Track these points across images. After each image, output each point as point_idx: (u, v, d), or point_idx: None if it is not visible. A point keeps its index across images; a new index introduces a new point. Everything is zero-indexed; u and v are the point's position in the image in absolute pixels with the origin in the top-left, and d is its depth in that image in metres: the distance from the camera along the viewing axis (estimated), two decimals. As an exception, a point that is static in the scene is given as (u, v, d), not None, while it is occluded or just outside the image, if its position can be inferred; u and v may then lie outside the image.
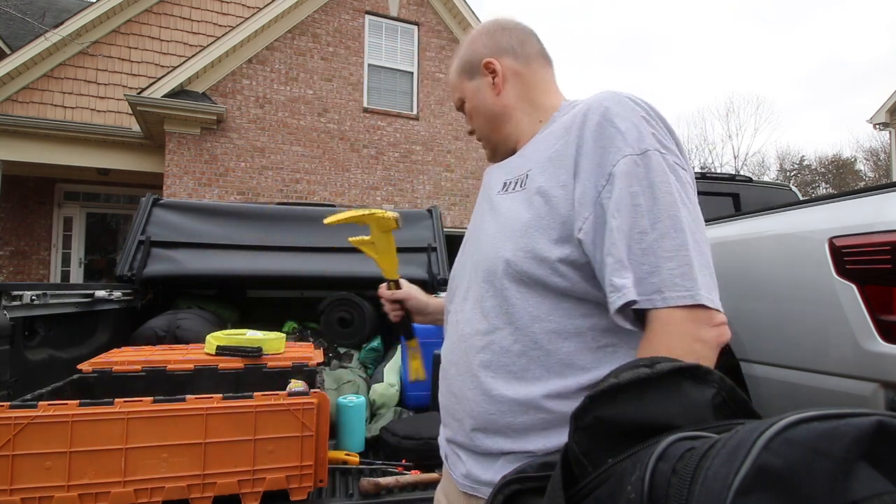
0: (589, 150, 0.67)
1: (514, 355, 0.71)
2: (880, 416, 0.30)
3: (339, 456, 1.54)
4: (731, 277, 2.06)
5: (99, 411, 1.12)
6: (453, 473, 0.80)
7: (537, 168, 0.74)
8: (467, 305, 0.79)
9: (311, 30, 7.75)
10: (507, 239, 0.73)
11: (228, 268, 2.47)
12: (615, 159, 0.65)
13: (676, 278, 0.60)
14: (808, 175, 26.15)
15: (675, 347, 0.58)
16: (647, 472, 0.36)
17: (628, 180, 0.64)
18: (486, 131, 0.89)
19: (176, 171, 6.84)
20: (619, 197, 0.64)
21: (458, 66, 0.91)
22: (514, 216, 0.73)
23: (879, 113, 10.01)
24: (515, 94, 0.85)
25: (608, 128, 0.67)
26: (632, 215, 0.63)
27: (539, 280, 0.69)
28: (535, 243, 0.69)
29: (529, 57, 0.87)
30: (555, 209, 0.69)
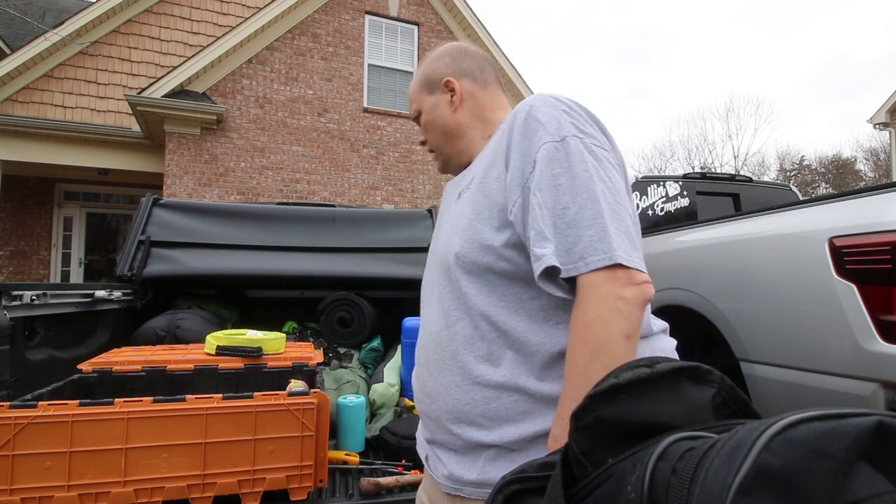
0: (517, 143, 0.75)
1: (477, 341, 0.75)
2: (880, 416, 0.30)
3: (339, 456, 1.54)
4: (731, 277, 2.06)
5: (99, 411, 1.12)
6: (435, 475, 0.82)
7: (480, 171, 0.82)
8: (433, 306, 0.84)
9: (311, 30, 7.75)
10: (455, 235, 0.79)
11: (228, 268, 2.47)
12: (537, 147, 0.73)
13: (595, 244, 0.66)
14: (808, 175, 26.15)
15: (600, 308, 0.63)
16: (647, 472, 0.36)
17: (549, 164, 0.71)
18: (439, 143, 0.96)
19: (176, 171, 6.84)
20: (541, 178, 0.71)
21: (419, 81, 0.98)
22: (461, 214, 0.81)
23: (879, 113, 10.01)
24: (471, 113, 0.94)
25: (531, 122, 0.75)
26: (554, 194, 0.69)
27: (487, 267, 0.75)
28: (478, 233, 0.76)
29: (487, 81, 0.97)
30: (492, 199, 0.76)
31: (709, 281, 2.19)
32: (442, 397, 0.78)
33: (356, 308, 2.44)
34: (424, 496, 0.90)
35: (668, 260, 2.53)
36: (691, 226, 2.58)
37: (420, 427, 0.91)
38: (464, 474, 0.76)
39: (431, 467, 0.84)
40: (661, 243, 2.66)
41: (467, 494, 0.75)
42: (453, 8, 8.59)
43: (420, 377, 0.85)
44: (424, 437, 0.86)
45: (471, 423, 0.75)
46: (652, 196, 3.55)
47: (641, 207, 3.51)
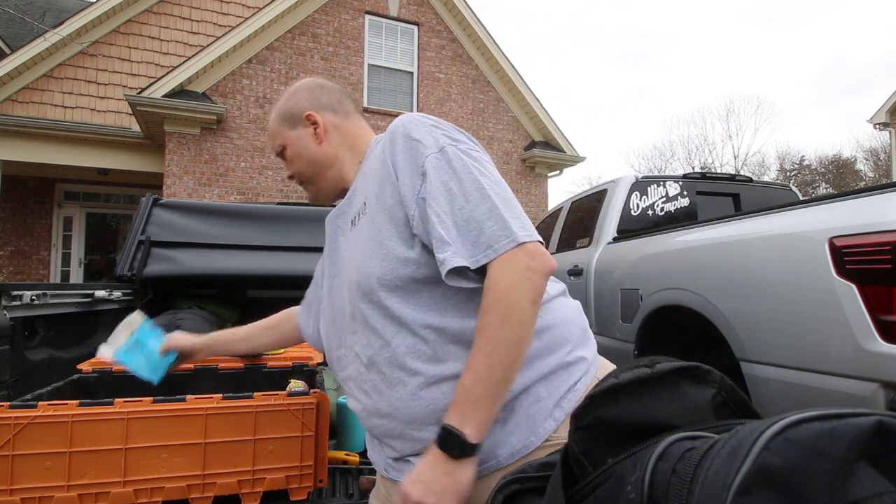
0: (402, 162, 0.81)
1: (420, 347, 0.78)
2: (880, 416, 0.30)
3: (339, 456, 1.54)
4: (731, 277, 2.06)
5: (99, 411, 1.12)
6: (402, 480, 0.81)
7: (372, 195, 0.85)
8: (357, 336, 0.84)
9: (311, 30, 7.75)
10: (369, 258, 0.81)
11: (228, 268, 2.47)
12: (422, 161, 0.79)
13: (498, 231, 0.73)
14: (808, 175, 26.15)
15: (512, 276, 0.72)
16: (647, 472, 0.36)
17: (437, 173, 0.78)
18: (308, 175, 1.00)
19: (176, 171, 6.84)
20: (433, 188, 0.77)
21: (278, 116, 1.01)
22: (366, 238, 0.83)
23: (879, 113, 10.01)
24: (337, 143, 0.98)
25: (409, 141, 0.82)
26: (448, 199, 0.76)
27: (410, 277, 0.78)
28: (392, 251, 0.79)
29: (347, 112, 1.02)
30: (394, 216, 0.81)
31: (709, 281, 2.19)
32: (400, 411, 0.79)
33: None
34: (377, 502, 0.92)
35: (668, 260, 2.53)
36: (691, 226, 2.58)
37: (377, 450, 0.90)
38: None
39: (396, 474, 0.84)
40: (661, 243, 2.66)
41: None
42: (453, 8, 8.59)
43: (368, 406, 0.84)
44: (388, 456, 0.86)
45: (436, 421, 0.76)
46: (652, 196, 3.55)
47: (641, 207, 3.52)
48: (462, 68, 8.76)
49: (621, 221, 3.43)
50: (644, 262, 2.76)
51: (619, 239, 3.27)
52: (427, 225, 0.77)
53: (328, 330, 0.95)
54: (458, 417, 0.71)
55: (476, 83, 8.86)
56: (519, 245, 0.72)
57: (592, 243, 3.51)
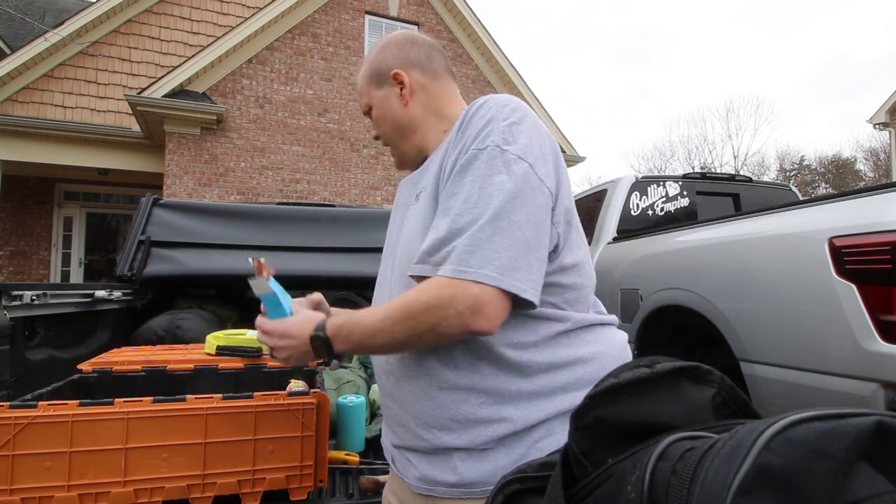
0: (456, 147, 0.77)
1: (441, 348, 0.74)
2: (880, 416, 0.30)
3: (339, 456, 1.54)
4: (731, 277, 2.07)
5: (99, 411, 1.12)
6: (405, 477, 0.82)
7: (433, 173, 0.81)
8: None
9: (311, 30, 7.75)
10: (413, 242, 0.78)
11: (228, 268, 2.47)
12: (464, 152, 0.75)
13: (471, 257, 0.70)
14: (808, 175, 26.15)
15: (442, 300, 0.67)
16: (647, 472, 0.36)
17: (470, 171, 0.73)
18: (393, 139, 0.93)
19: (176, 171, 6.84)
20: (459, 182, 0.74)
21: (366, 74, 0.94)
22: (418, 221, 0.79)
23: (879, 113, 10.01)
24: (422, 106, 0.90)
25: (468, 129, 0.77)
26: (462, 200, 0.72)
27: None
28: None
29: (436, 71, 0.93)
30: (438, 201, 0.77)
31: (709, 281, 2.19)
32: (409, 404, 0.78)
33: (356, 308, 2.44)
34: (392, 497, 0.90)
35: (668, 260, 2.53)
36: (691, 226, 2.58)
37: (385, 432, 0.90)
38: (436, 475, 0.76)
39: (400, 469, 0.84)
40: (661, 243, 2.66)
41: (440, 494, 0.76)
42: (453, 8, 8.59)
43: (385, 385, 0.84)
44: (391, 442, 0.86)
45: (441, 427, 0.75)
46: (652, 196, 3.55)
47: (641, 207, 3.52)
48: (462, 68, 8.77)
49: (621, 221, 3.43)
50: (644, 262, 2.76)
51: (619, 239, 3.27)
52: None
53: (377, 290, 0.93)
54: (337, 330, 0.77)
55: (476, 83, 8.86)
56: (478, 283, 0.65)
57: (592, 243, 3.51)
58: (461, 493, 0.74)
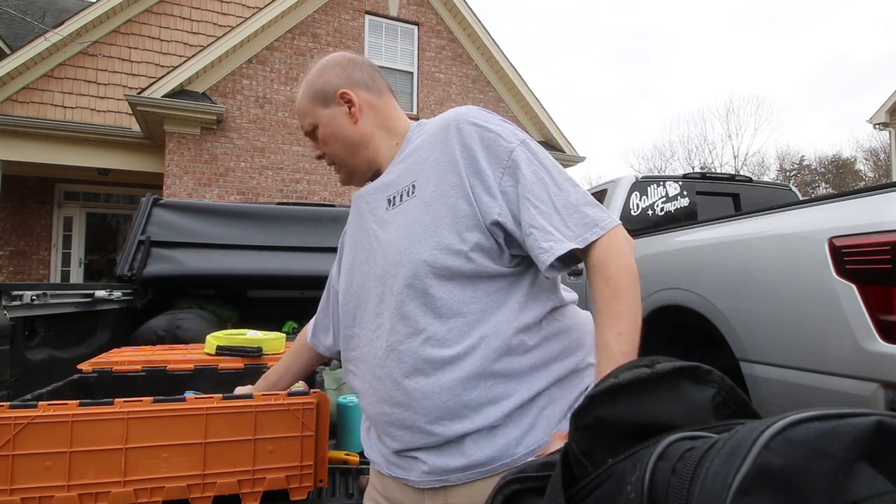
0: (479, 153, 0.80)
1: (452, 341, 0.77)
2: (880, 416, 0.30)
3: (339, 456, 1.54)
4: (731, 277, 2.07)
5: (99, 411, 1.12)
6: (409, 478, 0.81)
7: (422, 178, 0.83)
8: (384, 319, 0.82)
9: (311, 30, 7.75)
10: (418, 243, 0.80)
11: (228, 268, 2.47)
12: (506, 154, 0.80)
13: (598, 213, 0.79)
14: (808, 175, 26.15)
15: (623, 250, 0.76)
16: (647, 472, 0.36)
17: (529, 165, 0.80)
18: (342, 156, 0.94)
19: (176, 171, 6.84)
20: (528, 180, 0.79)
21: (309, 94, 0.95)
22: (416, 221, 0.81)
23: (879, 113, 10.01)
24: (372, 123, 0.94)
25: (485, 132, 0.82)
26: (544, 188, 0.79)
27: (457, 270, 0.78)
28: (445, 239, 0.79)
29: (381, 90, 0.97)
30: (456, 207, 0.79)
31: (709, 281, 2.19)
32: (418, 402, 0.78)
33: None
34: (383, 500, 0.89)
35: (668, 260, 2.54)
36: (691, 226, 2.58)
37: (375, 443, 0.89)
38: (448, 463, 0.77)
39: (401, 473, 0.83)
40: (661, 243, 2.66)
41: (455, 481, 0.77)
42: (453, 8, 8.59)
43: (380, 392, 0.82)
44: (391, 448, 0.83)
45: (454, 417, 0.76)
46: (652, 196, 3.55)
47: (641, 207, 3.52)
48: (462, 68, 8.77)
49: (621, 221, 3.43)
50: (644, 262, 2.76)
51: (619, 239, 3.26)
52: (521, 216, 0.78)
53: (343, 306, 0.94)
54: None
55: (476, 83, 8.86)
56: (617, 224, 0.78)
57: (592, 243, 3.50)
58: (476, 475, 0.76)
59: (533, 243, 0.77)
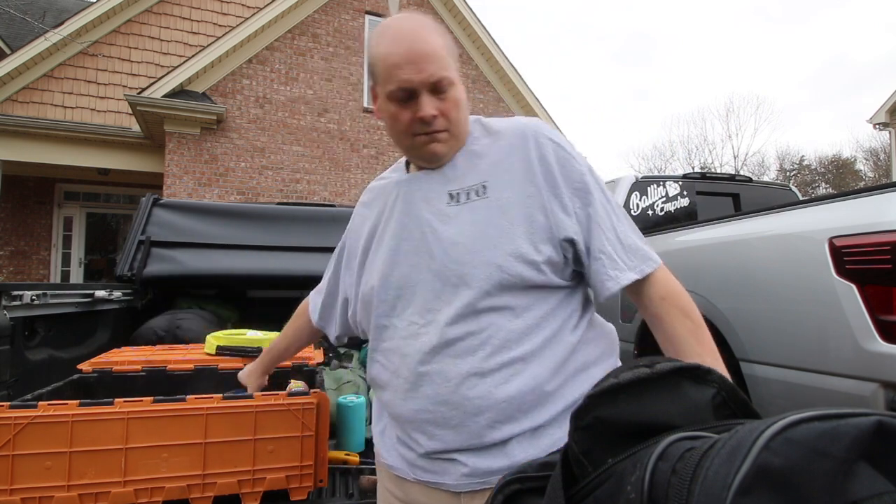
0: (556, 170, 0.82)
1: (513, 345, 0.78)
2: (880, 416, 0.30)
3: (339, 456, 1.54)
4: (731, 277, 2.06)
5: (99, 411, 1.12)
6: (443, 481, 0.79)
7: (495, 181, 0.83)
8: (440, 316, 0.79)
9: (311, 30, 7.75)
10: (493, 247, 0.79)
11: (228, 268, 2.47)
12: (578, 177, 0.83)
13: (648, 247, 0.85)
14: (808, 175, 26.15)
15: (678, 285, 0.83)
16: (647, 472, 0.36)
17: (598, 192, 0.83)
18: (457, 125, 0.84)
19: (176, 171, 6.84)
20: (597, 206, 0.82)
21: (444, 44, 0.81)
22: (489, 224, 0.80)
23: (879, 113, 10.01)
24: None
25: (560, 151, 0.84)
26: (608, 217, 0.83)
27: (528, 279, 0.78)
28: (520, 248, 0.79)
29: None
30: (532, 218, 0.80)
31: (709, 281, 2.19)
32: (471, 401, 0.76)
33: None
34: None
35: (668, 260, 2.52)
36: (691, 226, 2.58)
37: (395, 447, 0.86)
38: (491, 464, 0.76)
39: (430, 476, 0.80)
40: (661, 243, 2.66)
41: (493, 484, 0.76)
42: (453, 8, 8.59)
43: (424, 387, 0.79)
44: (424, 449, 0.80)
45: (507, 420, 0.76)
46: (652, 196, 3.55)
47: (641, 207, 3.52)
48: (462, 68, 8.72)
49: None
50: (644, 262, 2.76)
51: (619, 239, 3.26)
52: (591, 239, 0.81)
53: (378, 293, 0.86)
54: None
55: (476, 83, 8.86)
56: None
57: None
58: None
59: (600, 268, 0.81)
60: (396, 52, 0.78)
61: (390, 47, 0.79)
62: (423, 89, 0.79)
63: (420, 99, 0.79)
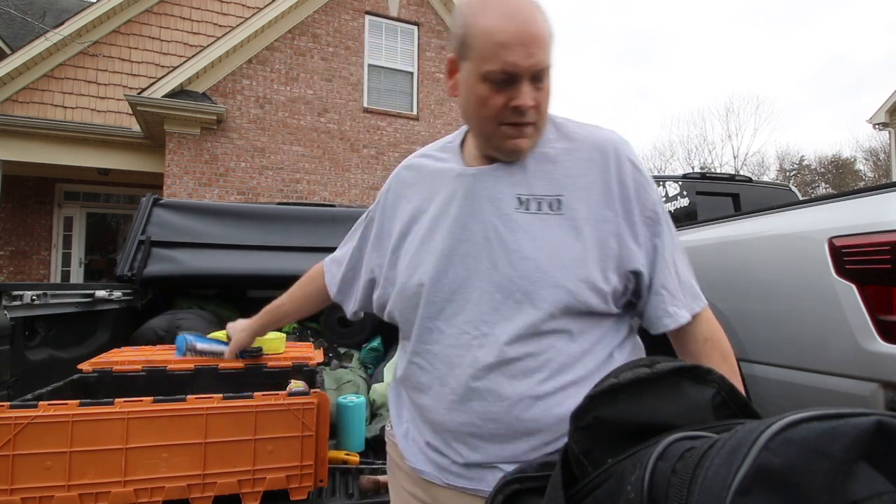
0: (633, 194, 0.79)
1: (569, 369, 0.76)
2: (880, 416, 0.30)
3: (339, 456, 1.54)
4: (732, 277, 2.06)
5: (99, 411, 1.12)
6: (481, 487, 0.76)
7: (571, 196, 0.78)
8: (499, 330, 0.75)
9: (311, 30, 7.75)
10: (564, 268, 0.75)
11: (228, 268, 2.47)
12: (651, 205, 0.80)
13: (696, 284, 0.84)
14: (808, 175, 26.16)
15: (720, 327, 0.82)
16: (646, 472, 0.36)
17: (668, 223, 0.81)
18: (541, 125, 0.79)
19: (176, 171, 6.84)
20: (665, 238, 0.80)
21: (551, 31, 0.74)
22: (562, 243, 0.76)
23: (879, 113, 10.02)
24: None
25: (639, 175, 0.80)
26: (671, 250, 0.80)
27: (591, 307, 0.76)
28: (591, 275, 0.75)
29: None
30: (606, 244, 0.77)
31: (708, 281, 2.19)
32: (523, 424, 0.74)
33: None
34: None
35: (668, 260, 2.53)
36: (691, 226, 2.58)
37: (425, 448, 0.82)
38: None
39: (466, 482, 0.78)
40: (661, 243, 2.66)
41: None
42: (453, 8, 8.59)
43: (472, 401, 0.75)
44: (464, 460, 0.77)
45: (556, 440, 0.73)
46: (652, 196, 3.55)
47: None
48: (462, 68, 8.75)
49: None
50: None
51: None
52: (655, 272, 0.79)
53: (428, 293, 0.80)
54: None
55: (476, 83, 8.85)
56: None
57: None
58: None
59: (660, 303, 0.79)
60: (507, 29, 0.70)
61: (499, 22, 0.71)
62: (525, 76, 0.72)
63: (520, 85, 0.72)
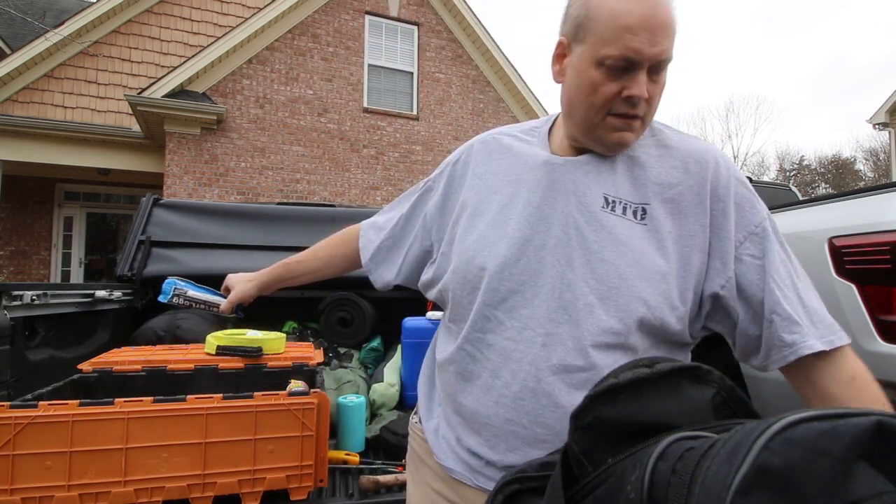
0: (729, 208, 0.72)
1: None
2: (880, 415, 0.30)
3: (339, 456, 1.54)
4: (731, 277, 2.06)
5: (99, 411, 1.12)
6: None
7: (658, 206, 0.72)
8: (564, 331, 0.70)
9: (311, 30, 7.75)
10: (645, 280, 0.69)
11: (228, 268, 2.46)
12: (758, 220, 0.72)
13: (832, 319, 0.71)
14: (808, 175, 26.16)
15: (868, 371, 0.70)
16: (646, 472, 0.36)
17: (777, 244, 0.72)
18: (649, 121, 0.76)
19: (176, 171, 6.84)
20: (775, 257, 0.70)
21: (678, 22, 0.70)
22: (645, 255, 0.70)
23: (879, 113, 10.02)
24: None
25: (743, 189, 0.73)
26: (787, 271, 0.71)
27: (667, 326, 0.71)
28: (671, 291, 0.70)
29: None
30: (689, 262, 0.71)
31: (709, 281, 2.19)
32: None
33: (356, 308, 2.44)
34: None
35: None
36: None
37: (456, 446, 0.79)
38: None
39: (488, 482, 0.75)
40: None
41: None
42: (453, 8, 8.59)
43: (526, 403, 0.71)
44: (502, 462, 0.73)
45: None
46: (652, 196, 3.55)
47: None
48: (462, 68, 8.76)
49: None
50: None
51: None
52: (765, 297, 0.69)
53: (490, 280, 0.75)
54: None
55: (476, 83, 8.86)
56: None
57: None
58: None
59: (773, 332, 0.68)
60: (635, 12, 0.66)
61: (626, 4, 0.66)
62: (646, 65, 0.68)
63: (637, 74, 0.68)
